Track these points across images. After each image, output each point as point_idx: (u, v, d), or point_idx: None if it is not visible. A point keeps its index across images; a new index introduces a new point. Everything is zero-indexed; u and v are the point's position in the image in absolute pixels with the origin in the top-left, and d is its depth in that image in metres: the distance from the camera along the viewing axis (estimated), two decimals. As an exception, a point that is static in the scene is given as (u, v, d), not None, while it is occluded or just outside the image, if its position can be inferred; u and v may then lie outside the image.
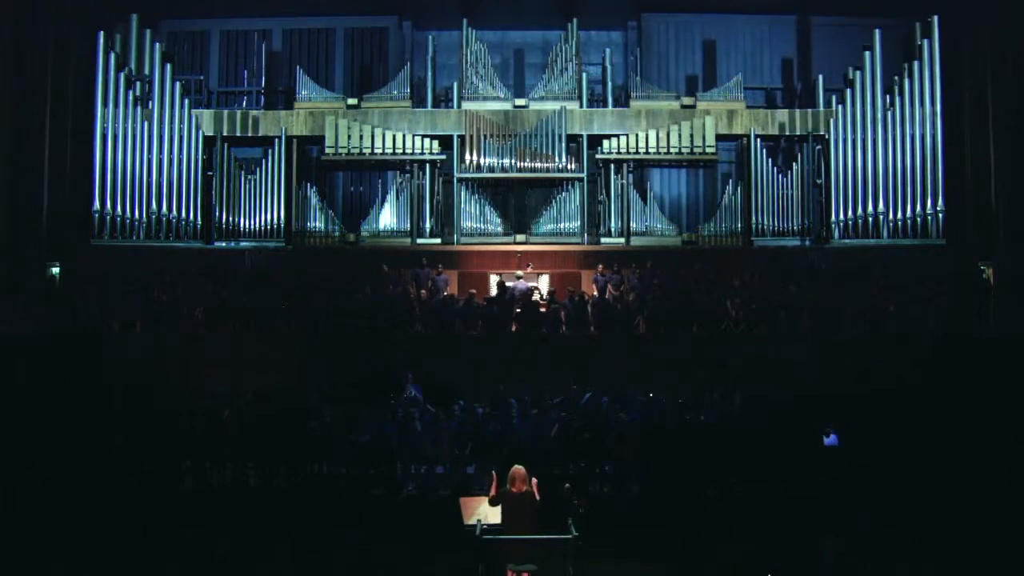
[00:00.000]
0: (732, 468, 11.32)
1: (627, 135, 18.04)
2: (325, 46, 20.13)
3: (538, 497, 8.09)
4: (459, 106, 18.30)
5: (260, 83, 19.88)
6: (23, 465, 11.07)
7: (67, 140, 17.61)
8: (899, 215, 17.71)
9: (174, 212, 17.62)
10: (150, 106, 17.86)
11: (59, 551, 9.44)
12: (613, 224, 17.87)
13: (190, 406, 12.75)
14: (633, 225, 17.83)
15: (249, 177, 18.10)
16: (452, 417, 12.68)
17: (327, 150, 17.97)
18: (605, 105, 18.66)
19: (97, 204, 17.31)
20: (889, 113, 18.04)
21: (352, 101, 18.43)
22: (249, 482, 11.52)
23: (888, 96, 18.11)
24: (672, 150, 18.01)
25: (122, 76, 17.68)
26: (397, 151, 17.96)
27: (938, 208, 17.58)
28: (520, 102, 18.45)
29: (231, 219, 17.95)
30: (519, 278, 16.66)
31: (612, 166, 18.00)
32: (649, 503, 10.90)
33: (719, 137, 18.18)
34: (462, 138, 18.05)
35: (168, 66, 18.08)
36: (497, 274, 17.12)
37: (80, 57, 17.71)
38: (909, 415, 12.38)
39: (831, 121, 18.13)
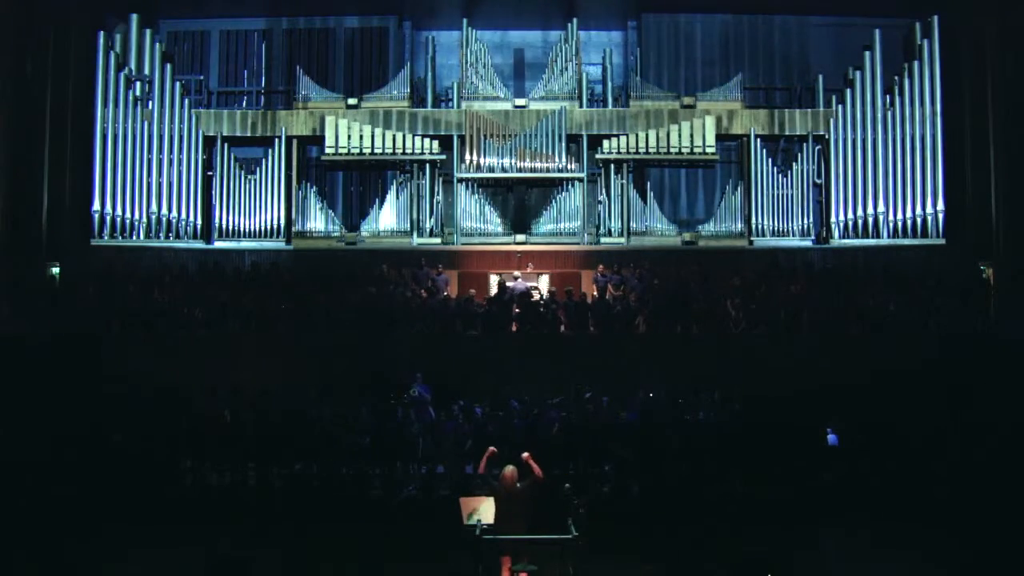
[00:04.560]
0: (732, 468, 11.31)
1: (627, 135, 18.03)
2: (325, 46, 20.13)
3: (537, 471, 8.04)
4: (459, 106, 18.30)
5: (260, 83, 19.92)
6: (22, 464, 11.05)
7: (67, 140, 17.58)
8: (899, 215, 17.73)
9: (174, 212, 17.63)
10: (150, 106, 17.86)
11: (57, 551, 9.43)
12: (613, 224, 17.85)
13: (190, 406, 12.74)
14: (633, 225, 17.83)
15: (249, 177, 18.09)
16: (452, 417, 12.68)
17: (327, 150, 17.95)
18: (605, 105, 18.65)
19: (97, 204, 17.32)
20: (889, 113, 18.05)
21: (352, 101, 18.42)
22: (249, 482, 11.51)
23: (888, 96, 18.12)
24: (672, 150, 17.99)
25: (122, 76, 17.68)
26: (397, 151, 17.95)
27: (938, 208, 17.59)
28: (520, 102, 18.44)
29: (231, 219, 17.95)
30: (517, 278, 16.65)
31: (612, 166, 17.98)
32: (649, 503, 10.89)
33: (719, 137, 18.17)
34: (462, 138, 18.04)
35: (168, 66, 18.09)
36: (497, 274, 17.11)
37: (80, 57, 17.68)
38: (909, 414, 12.39)
39: (831, 121, 18.14)
